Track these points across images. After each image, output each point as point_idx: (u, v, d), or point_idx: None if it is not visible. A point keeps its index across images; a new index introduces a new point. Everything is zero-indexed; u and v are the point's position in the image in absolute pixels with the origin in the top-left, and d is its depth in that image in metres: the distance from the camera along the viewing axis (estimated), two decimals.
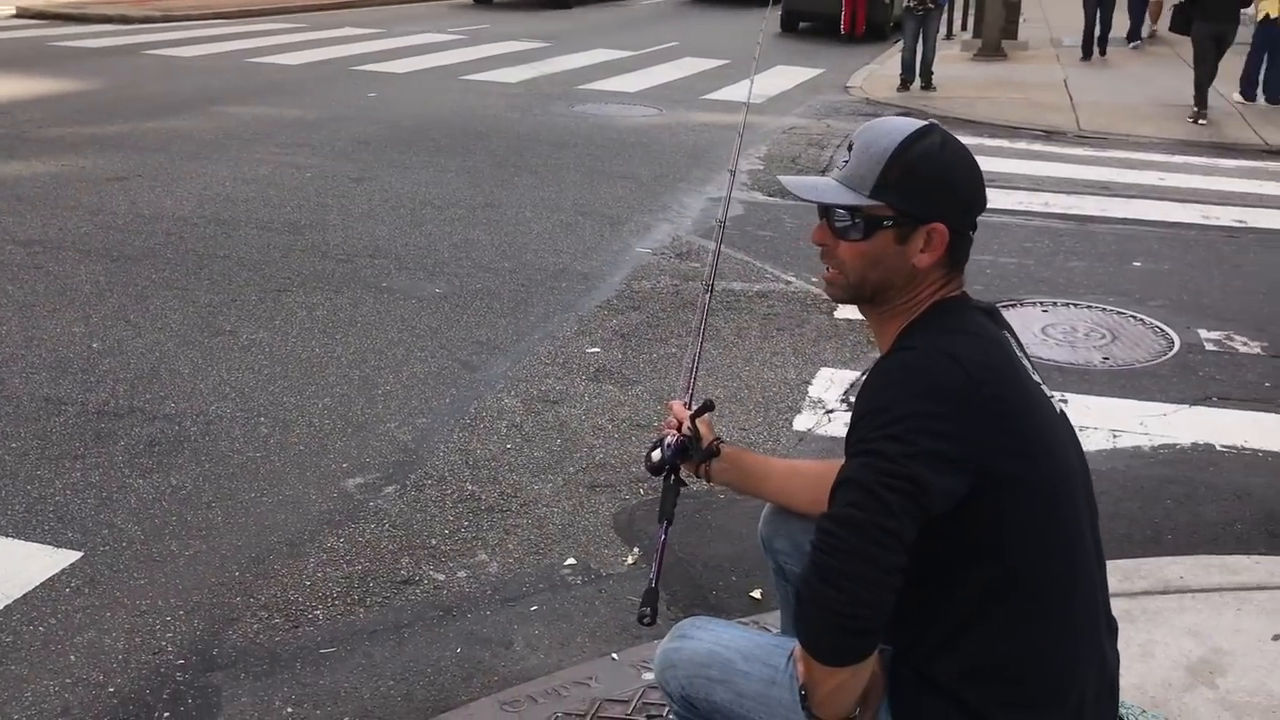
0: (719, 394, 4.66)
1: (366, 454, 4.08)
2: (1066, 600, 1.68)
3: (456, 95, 12.13)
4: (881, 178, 1.70)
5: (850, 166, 1.75)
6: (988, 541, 1.64)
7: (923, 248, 1.72)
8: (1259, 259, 6.87)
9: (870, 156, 1.72)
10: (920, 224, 1.71)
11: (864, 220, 1.73)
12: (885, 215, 1.71)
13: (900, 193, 1.70)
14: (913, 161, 1.70)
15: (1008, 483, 1.62)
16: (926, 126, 1.74)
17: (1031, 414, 1.67)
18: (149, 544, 3.45)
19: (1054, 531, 1.67)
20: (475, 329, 5.33)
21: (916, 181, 1.70)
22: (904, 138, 1.71)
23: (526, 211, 7.43)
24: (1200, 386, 4.88)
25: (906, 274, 1.73)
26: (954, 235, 1.73)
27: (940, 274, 1.75)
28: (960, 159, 1.74)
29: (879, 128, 1.76)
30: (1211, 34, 11.39)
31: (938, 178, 1.71)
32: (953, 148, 1.74)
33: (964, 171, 1.74)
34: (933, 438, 1.56)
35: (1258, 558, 3.37)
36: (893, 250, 1.72)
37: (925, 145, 1.72)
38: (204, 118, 10.21)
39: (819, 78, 14.65)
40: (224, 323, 5.27)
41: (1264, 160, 10.05)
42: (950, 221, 1.72)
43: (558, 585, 3.35)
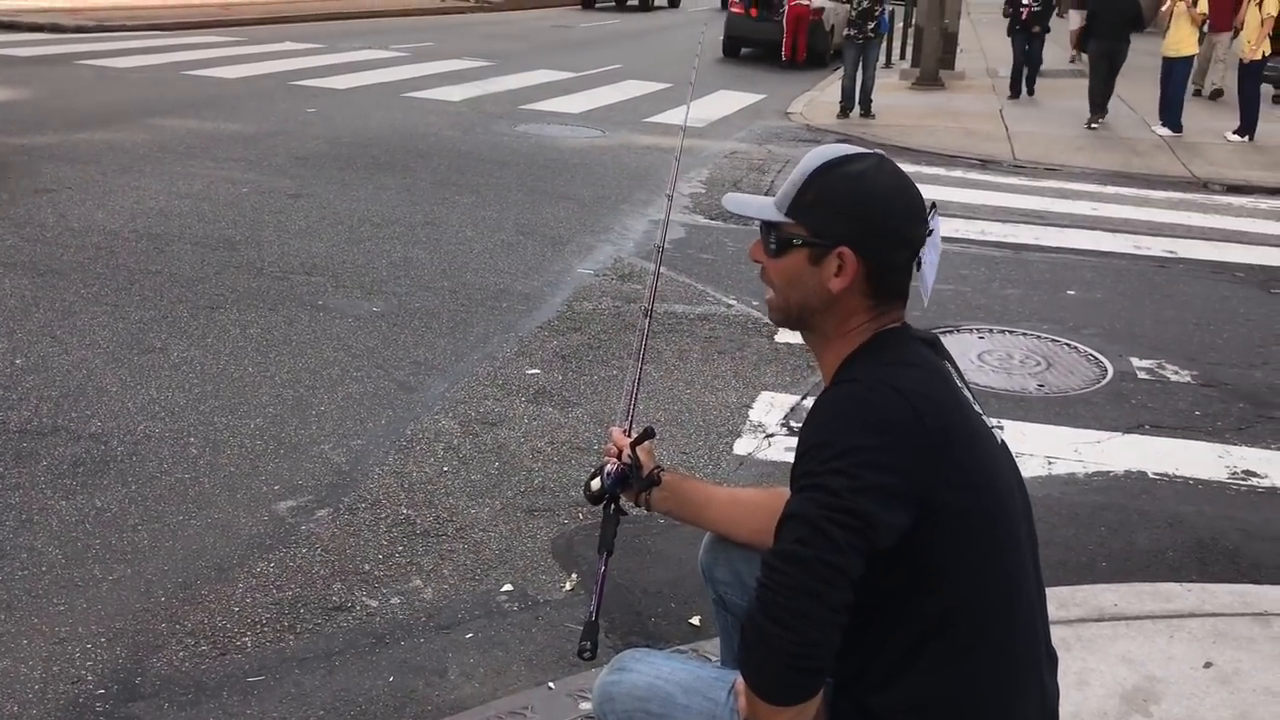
0: (660, 417, 4.64)
1: (299, 476, 3.99)
2: (1009, 632, 1.67)
3: (398, 112, 12.04)
4: (797, 198, 1.73)
5: (779, 187, 1.79)
6: (931, 574, 1.62)
7: (836, 272, 1.71)
8: (1189, 289, 7.01)
9: (795, 176, 1.75)
10: (829, 248, 1.70)
11: (777, 238, 1.75)
12: (795, 234, 1.73)
13: (809, 214, 1.72)
14: (829, 184, 1.71)
15: (951, 515, 1.60)
16: (860, 154, 1.75)
17: (974, 445, 1.66)
18: (70, 568, 3.34)
19: (997, 562, 1.66)
20: (413, 349, 5.26)
21: (827, 204, 1.71)
22: (827, 160, 1.73)
23: (467, 230, 7.37)
24: (1133, 414, 4.95)
25: (823, 298, 1.73)
26: (871, 264, 1.70)
27: (867, 303, 1.73)
28: (887, 188, 1.72)
29: (816, 151, 1.77)
30: (1104, 52, 13.44)
31: (852, 203, 1.70)
32: (882, 177, 1.72)
33: (887, 200, 1.71)
34: (878, 471, 1.55)
35: (1189, 585, 3.41)
36: (807, 271, 1.73)
37: (848, 170, 1.72)
38: (138, 130, 10.02)
39: (760, 103, 14.77)
40: (154, 340, 5.14)
41: (1191, 192, 10.29)
42: (860, 248, 1.69)
43: (494, 612, 3.29)
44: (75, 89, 12.07)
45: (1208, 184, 10.59)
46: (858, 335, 1.73)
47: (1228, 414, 5.01)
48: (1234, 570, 3.68)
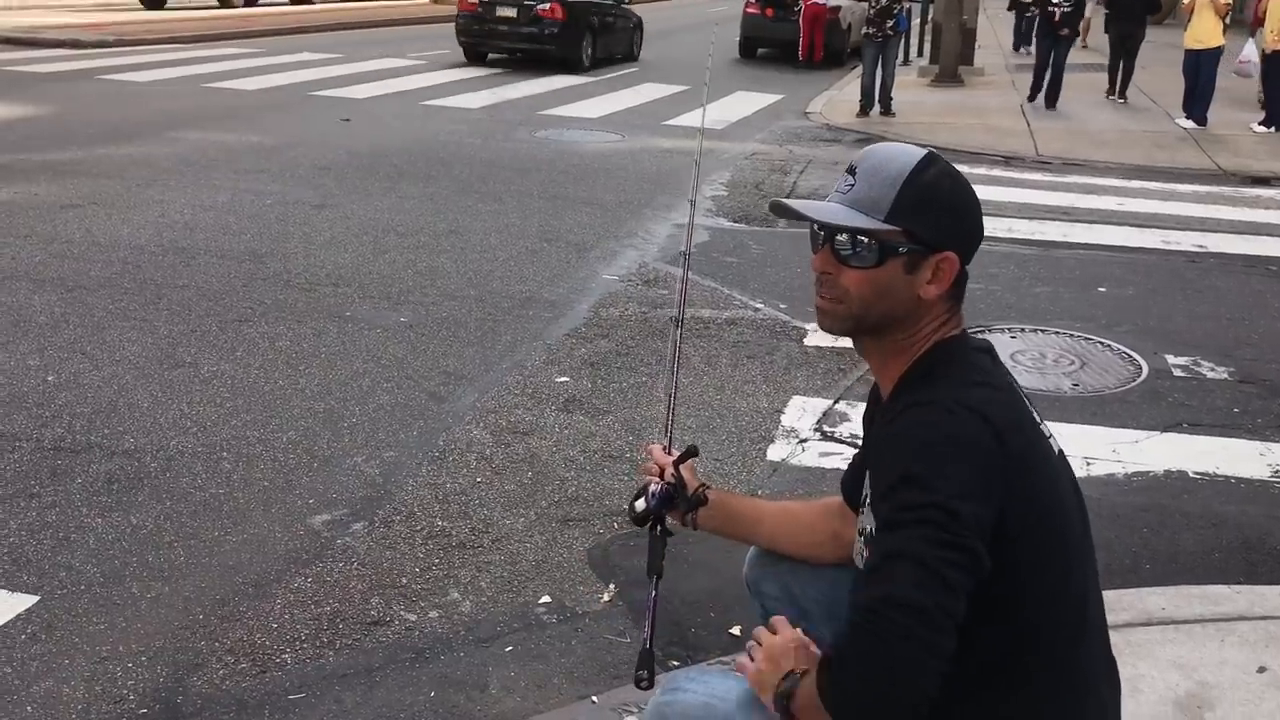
0: (691, 424, 4.61)
1: (333, 489, 3.98)
2: (1074, 653, 1.63)
3: (418, 121, 12.06)
4: (897, 202, 1.63)
5: (858, 190, 1.66)
6: (1005, 598, 1.57)
7: (930, 278, 1.65)
8: (1221, 284, 6.94)
9: (882, 180, 1.65)
10: (931, 253, 1.64)
11: (877, 246, 1.64)
12: (900, 241, 1.63)
13: (916, 218, 1.63)
14: (927, 186, 1.64)
15: (1028, 541, 1.56)
16: (931, 155, 1.69)
17: (1045, 463, 1.62)
18: (108, 586, 3.34)
19: (1067, 583, 1.63)
20: (442, 359, 5.24)
21: (931, 207, 1.64)
22: (916, 162, 1.65)
23: (491, 238, 7.36)
24: (1170, 413, 4.89)
25: (911, 306, 1.66)
26: (963, 268, 1.67)
27: (944, 308, 1.68)
28: (967, 188, 1.70)
29: (884, 152, 1.70)
30: (1122, 35, 14.58)
31: (950, 205, 1.66)
32: (959, 177, 1.70)
33: (971, 201, 1.70)
34: (975, 503, 1.49)
35: (1238, 587, 3.35)
36: (901, 280, 1.65)
37: (936, 172, 1.66)
38: (160, 144, 10.06)
39: (779, 103, 14.73)
40: (184, 354, 5.15)
41: (1218, 185, 10.19)
42: (960, 251, 1.67)
43: (532, 624, 3.27)
44: (97, 104, 12.14)
45: (1234, 176, 10.48)
46: (921, 344, 1.68)
47: (1267, 411, 4.94)
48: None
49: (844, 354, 5.47)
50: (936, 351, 1.67)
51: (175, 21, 22.42)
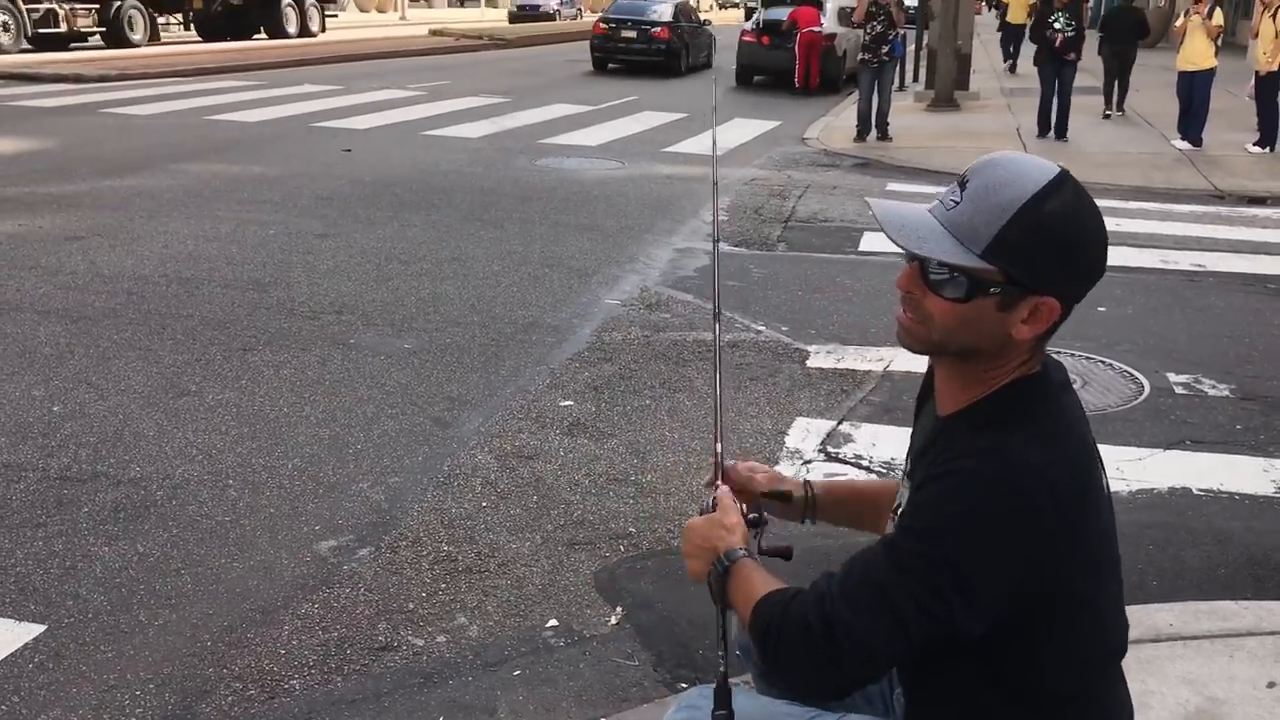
0: (695, 446, 4.62)
1: (339, 515, 3.99)
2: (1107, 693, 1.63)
3: (419, 150, 12.13)
4: (1000, 236, 1.43)
5: (962, 210, 1.46)
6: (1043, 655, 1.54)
7: (1025, 318, 1.48)
8: (1221, 302, 6.96)
9: (990, 206, 1.44)
10: (1030, 294, 1.46)
11: (967, 281, 1.46)
12: (994, 281, 1.45)
13: (1017, 259, 1.44)
14: (1040, 224, 1.43)
15: (1073, 602, 1.52)
16: (1059, 178, 1.46)
17: (1100, 512, 1.54)
18: (116, 614, 3.34)
19: (1096, 643, 1.59)
20: (446, 384, 5.26)
21: (1039, 249, 1.44)
22: (1035, 191, 1.43)
23: (494, 265, 7.39)
24: (1173, 430, 4.90)
25: (1000, 342, 1.50)
26: (1066, 312, 1.49)
27: (1032, 348, 1.53)
28: (1093, 223, 1.48)
29: (1004, 170, 1.47)
30: (1116, 54, 15.61)
31: (1064, 247, 1.45)
32: (1087, 209, 1.47)
33: (1094, 240, 1.48)
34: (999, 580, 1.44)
35: (1245, 603, 3.35)
36: (991, 317, 1.48)
37: (1057, 205, 1.44)
38: (163, 176, 10.12)
39: (776, 129, 14.82)
40: (189, 383, 5.16)
41: (1215, 205, 10.24)
42: (1064, 296, 1.48)
43: (540, 648, 3.27)
44: (100, 137, 12.21)
45: (1231, 196, 10.53)
46: (1000, 379, 1.54)
47: (1269, 427, 4.95)
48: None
49: (846, 375, 5.49)
50: (1015, 391, 1.53)
51: (176, 56, 22.57)
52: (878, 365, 5.59)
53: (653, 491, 4.24)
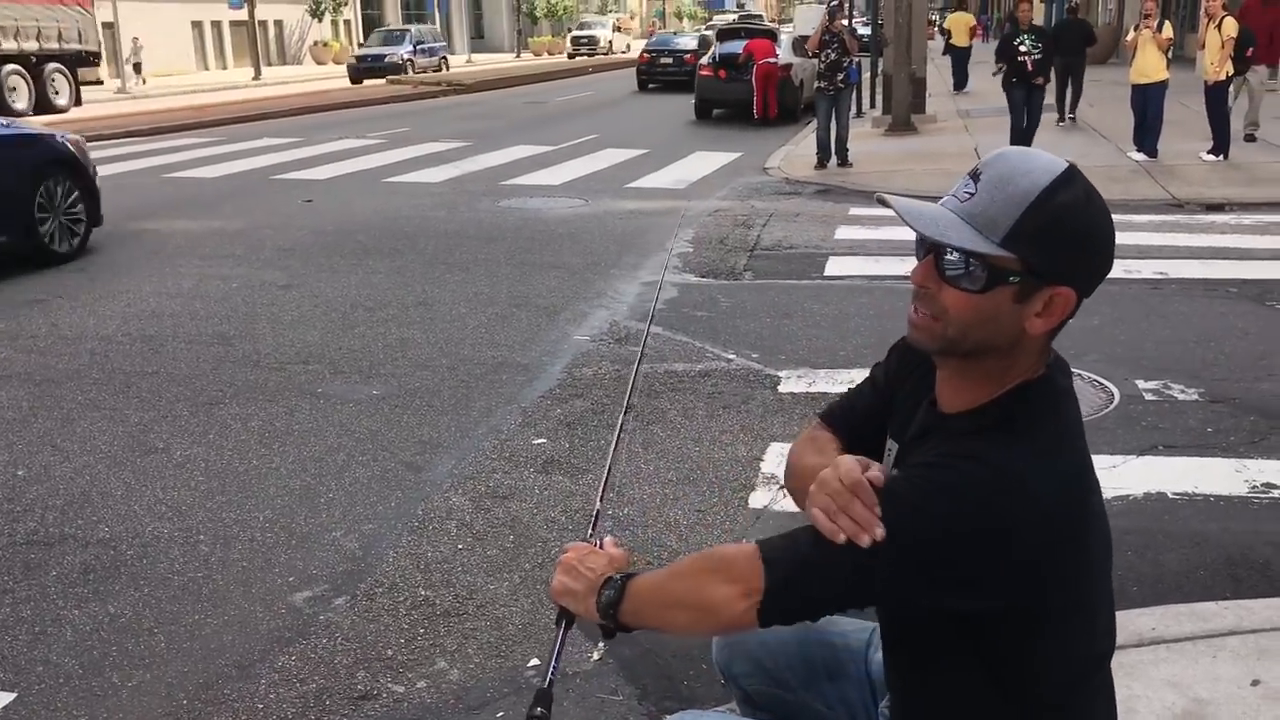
0: (670, 476, 4.60)
1: (313, 565, 3.93)
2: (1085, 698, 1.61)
3: (381, 198, 12.12)
4: (1018, 225, 1.44)
5: (978, 202, 1.46)
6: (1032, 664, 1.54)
7: (1040, 311, 1.48)
8: (1185, 308, 7.03)
9: (1006, 196, 1.45)
10: (1046, 284, 1.47)
11: (986, 271, 1.46)
12: (1013, 270, 1.45)
13: (1036, 246, 1.44)
14: (1056, 212, 1.44)
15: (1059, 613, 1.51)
16: (1071, 170, 1.48)
17: (1089, 529, 1.52)
18: (88, 678, 3.27)
19: (1087, 649, 1.59)
20: (417, 429, 5.22)
21: (1056, 237, 1.44)
22: (1050, 181, 1.45)
23: (460, 307, 7.37)
24: (1145, 436, 4.92)
25: (1013, 337, 1.49)
26: (1077, 305, 1.50)
27: (1043, 346, 1.54)
28: (1104, 216, 1.50)
29: (1017, 161, 1.48)
30: (1067, 66, 16.33)
31: (1079, 236, 1.47)
32: (1097, 201, 1.49)
33: (1104, 232, 1.50)
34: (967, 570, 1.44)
35: (1225, 603, 3.35)
36: (1007, 309, 1.47)
37: (1070, 196, 1.45)
38: (123, 235, 10.05)
39: (738, 161, 14.90)
40: (156, 440, 5.10)
41: (1174, 214, 10.36)
42: (1079, 286, 1.49)
43: (523, 688, 3.22)
44: None
45: (1189, 204, 10.67)
46: (1009, 380, 1.53)
47: (1239, 428, 4.98)
48: (1268, 584, 3.63)
49: (819, 399, 5.49)
50: (1021, 396, 1.53)
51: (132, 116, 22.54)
52: (849, 387, 5.59)
53: (630, 524, 4.21)
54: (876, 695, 1.85)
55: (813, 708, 1.95)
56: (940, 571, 1.45)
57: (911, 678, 1.65)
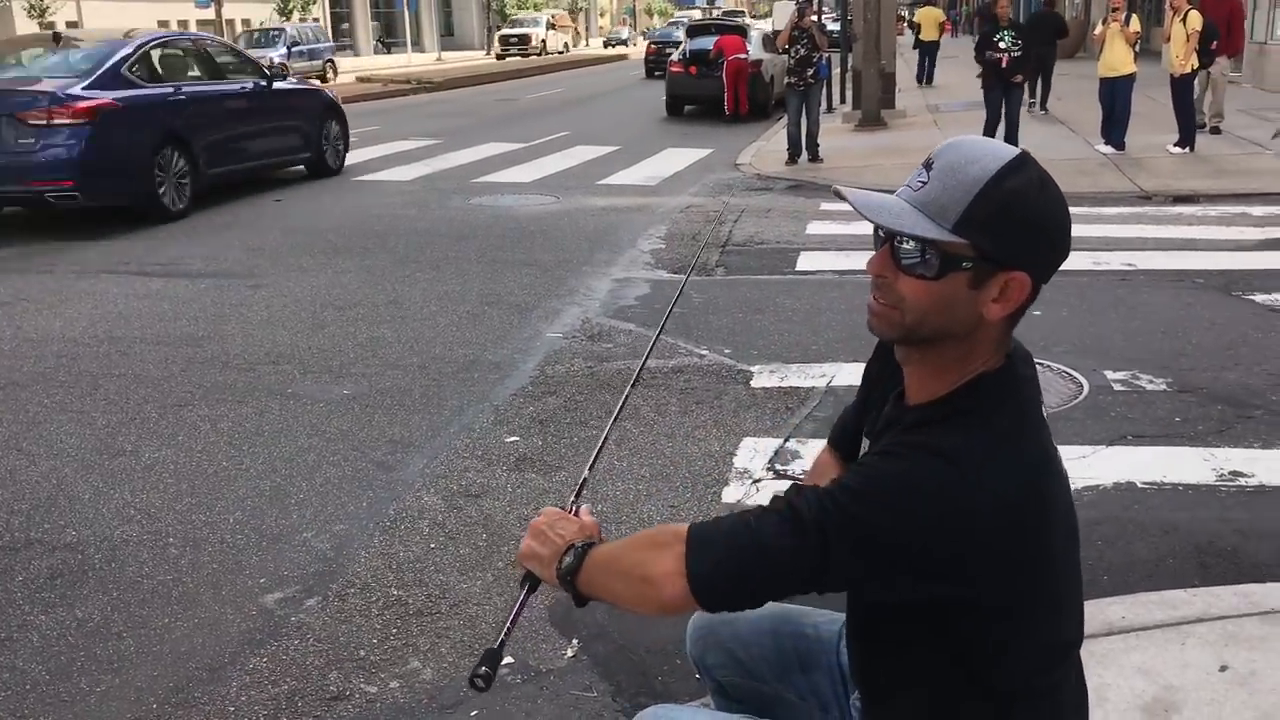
0: (644, 473, 4.60)
1: (284, 567, 3.90)
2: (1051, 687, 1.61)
3: (351, 196, 12.05)
4: (969, 211, 1.45)
5: (930, 190, 1.48)
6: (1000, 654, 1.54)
7: (996, 296, 1.49)
8: (1153, 299, 7.09)
9: (957, 184, 1.46)
10: (1001, 269, 1.48)
11: (939, 257, 1.47)
12: (965, 255, 1.46)
13: (988, 232, 1.45)
14: (1007, 198, 1.45)
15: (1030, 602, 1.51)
16: (1022, 157, 1.49)
17: (1051, 520, 1.52)
18: (55, 684, 3.23)
19: (1054, 637, 1.59)
20: (388, 428, 5.19)
21: (1008, 221, 1.45)
22: (999, 168, 1.46)
23: (431, 305, 7.34)
24: (1114, 426, 4.96)
25: (971, 324, 1.51)
26: (1035, 290, 1.51)
27: (1002, 334, 1.54)
28: (1057, 201, 1.50)
29: (968, 150, 1.49)
30: (1039, 57, 15.99)
31: (1031, 221, 1.47)
32: (1051, 189, 1.50)
33: (1057, 216, 1.50)
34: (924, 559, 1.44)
35: (1194, 591, 3.38)
36: (963, 296, 1.48)
37: (1020, 182, 1.46)
38: (90, 238, 9.93)
39: (709, 157, 14.91)
40: (124, 443, 5.05)
41: (1142, 206, 10.45)
42: (1034, 272, 1.49)
43: (497, 687, 3.17)
44: None
45: (1156, 196, 10.76)
46: (969, 369, 1.54)
47: (1207, 417, 5.02)
48: (1235, 571, 3.66)
49: (791, 393, 5.50)
50: (981, 386, 1.53)
51: None
52: (821, 381, 5.61)
53: (605, 521, 4.18)
54: (848, 686, 1.85)
55: (785, 699, 1.95)
56: (896, 560, 1.44)
57: (877, 666, 1.65)
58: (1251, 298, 7.02)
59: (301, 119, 12.93)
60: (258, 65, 12.75)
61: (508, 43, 47.69)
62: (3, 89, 9.83)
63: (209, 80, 11.68)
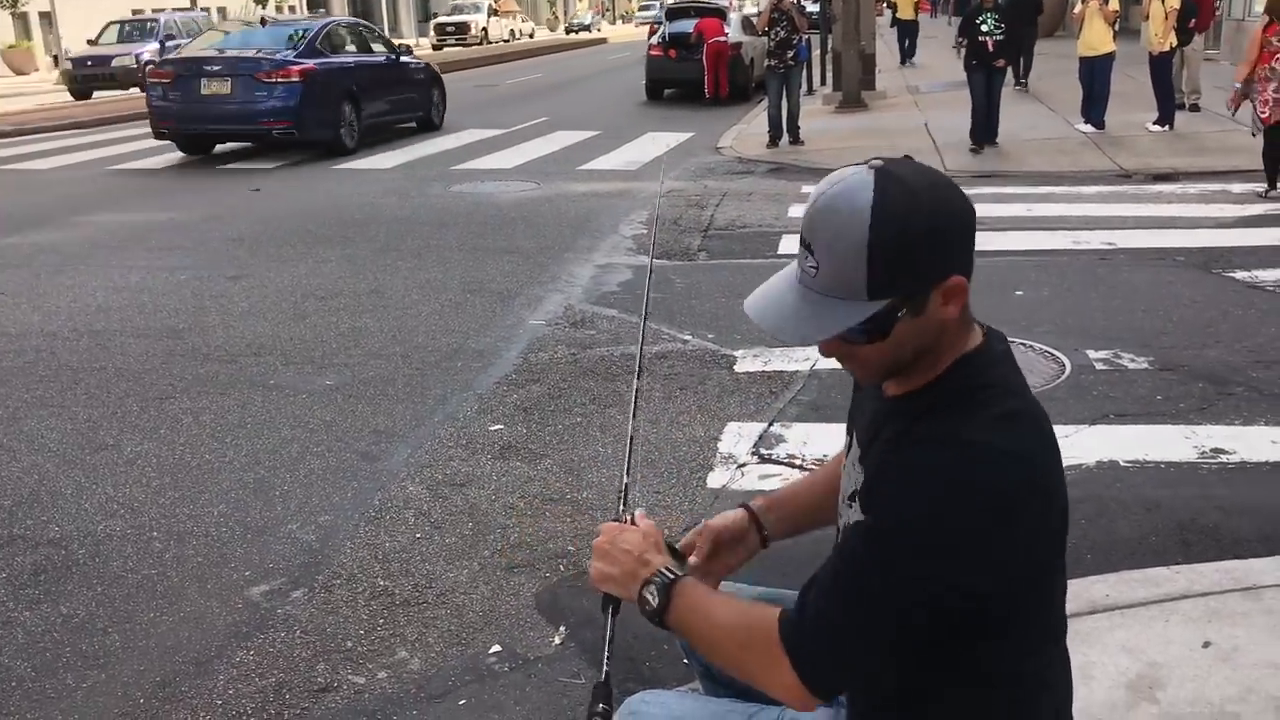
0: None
1: (269, 559, 3.89)
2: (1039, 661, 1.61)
3: (330, 185, 11.99)
4: (871, 276, 1.41)
5: (825, 273, 1.45)
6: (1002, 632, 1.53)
7: (944, 302, 1.47)
8: (1133, 277, 7.11)
9: (845, 254, 1.42)
10: (933, 288, 1.45)
11: (875, 324, 1.45)
12: (896, 307, 1.44)
13: (901, 276, 1.42)
14: (896, 237, 1.40)
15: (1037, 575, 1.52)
16: (879, 179, 1.42)
17: (1058, 495, 1.52)
18: (41, 680, 3.22)
19: (1049, 619, 1.60)
20: (372, 418, 5.17)
21: (911, 254, 1.41)
22: (869, 215, 1.40)
23: (413, 294, 7.31)
24: (1096, 405, 4.98)
25: (937, 331, 1.49)
26: (968, 274, 1.49)
27: (962, 319, 1.52)
28: (938, 200, 1.45)
29: (831, 215, 1.43)
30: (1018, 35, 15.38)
31: (928, 238, 1.42)
32: (923, 196, 1.43)
33: (947, 213, 1.45)
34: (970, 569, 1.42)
35: (1176, 568, 3.41)
36: (916, 326, 1.47)
37: (895, 205, 1.41)
38: (68, 229, 9.88)
39: (690, 141, 14.88)
40: (106, 437, 5.02)
41: (1121, 184, 10.48)
42: (960, 270, 1.46)
43: (485, 675, 3.21)
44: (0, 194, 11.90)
45: (1136, 174, 10.80)
46: (944, 360, 1.52)
47: (1188, 395, 5.05)
48: (1217, 548, 3.69)
49: (774, 377, 5.50)
50: (963, 369, 1.52)
51: (74, 107, 22.13)
52: (804, 365, 5.62)
53: (590, 508, 4.21)
54: None
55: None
56: (955, 558, 1.42)
57: None
58: (1232, 275, 7.06)
59: (417, 86, 16.44)
60: (390, 42, 16.56)
61: (444, 31, 42.95)
62: (236, 58, 13.78)
63: (362, 53, 15.38)
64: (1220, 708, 2.69)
